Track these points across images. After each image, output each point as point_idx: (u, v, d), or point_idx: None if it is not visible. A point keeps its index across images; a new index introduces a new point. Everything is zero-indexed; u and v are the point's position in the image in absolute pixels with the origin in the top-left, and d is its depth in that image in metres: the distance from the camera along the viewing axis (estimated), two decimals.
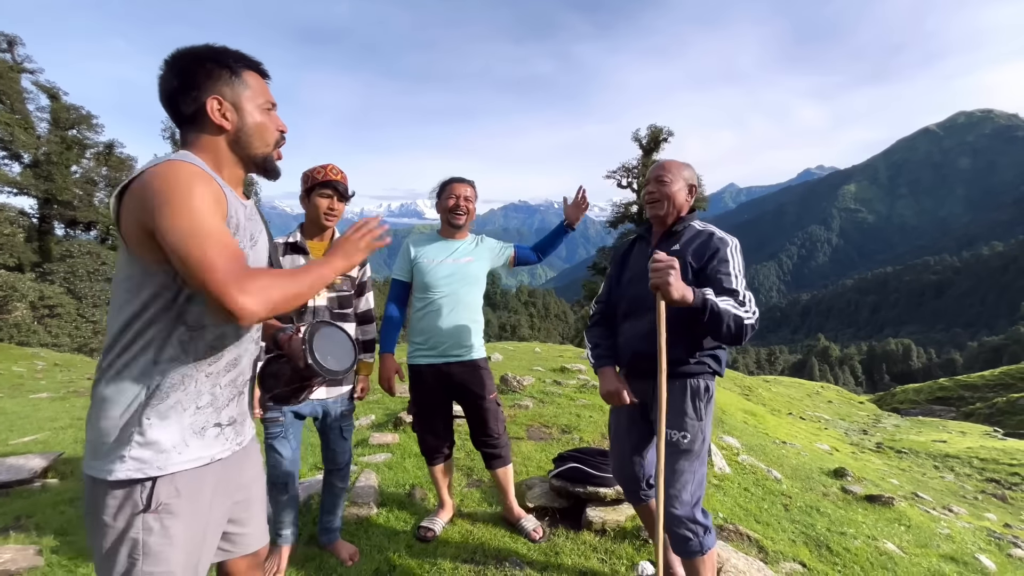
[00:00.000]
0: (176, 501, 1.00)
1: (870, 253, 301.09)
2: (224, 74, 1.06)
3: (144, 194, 0.92)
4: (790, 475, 4.33)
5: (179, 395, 1.02)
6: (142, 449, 0.98)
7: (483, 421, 2.47)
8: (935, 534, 3.60)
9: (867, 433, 12.29)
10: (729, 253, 1.77)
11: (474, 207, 2.48)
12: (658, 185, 1.91)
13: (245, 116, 1.08)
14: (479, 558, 2.36)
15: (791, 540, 2.88)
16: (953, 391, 22.70)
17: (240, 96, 1.08)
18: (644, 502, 2.08)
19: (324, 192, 2.01)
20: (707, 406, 1.82)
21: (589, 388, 6.31)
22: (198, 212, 0.91)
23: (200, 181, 0.95)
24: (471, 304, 2.44)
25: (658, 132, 25.86)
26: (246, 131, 1.09)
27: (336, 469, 2.29)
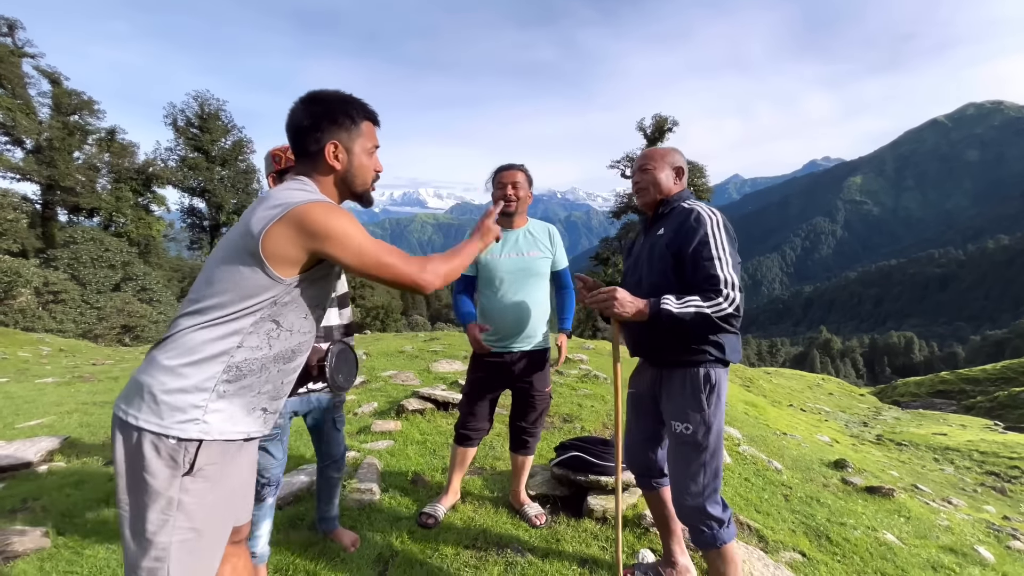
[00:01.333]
0: (213, 468, 1.11)
1: (874, 246, 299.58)
2: (346, 123, 1.25)
3: (308, 227, 1.12)
4: (790, 466, 4.34)
5: (252, 379, 1.16)
6: (206, 415, 1.09)
7: (530, 411, 2.50)
8: (934, 526, 3.62)
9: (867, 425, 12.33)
10: (710, 232, 1.69)
11: (525, 193, 2.42)
12: (642, 174, 1.91)
13: (353, 159, 1.27)
14: (481, 544, 2.37)
15: (791, 530, 2.89)
16: (954, 384, 22.72)
17: (353, 142, 1.27)
18: (655, 490, 2.08)
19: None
20: (712, 396, 1.75)
21: (591, 378, 6.32)
22: (360, 236, 1.16)
23: (346, 213, 1.18)
24: (536, 295, 2.42)
25: (663, 121, 25.66)
26: (352, 172, 1.29)
27: (332, 461, 2.26)
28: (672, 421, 1.79)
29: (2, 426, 4.58)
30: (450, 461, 2.66)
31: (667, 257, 1.76)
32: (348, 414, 4.55)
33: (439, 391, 4.65)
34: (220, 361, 1.11)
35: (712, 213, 1.74)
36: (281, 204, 1.12)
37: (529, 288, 2.39)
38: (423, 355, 7.95)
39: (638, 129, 26.17)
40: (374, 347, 9.16)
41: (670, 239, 1.77)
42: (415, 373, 6.36)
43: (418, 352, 8.27)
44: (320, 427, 2.18)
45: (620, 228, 26.73)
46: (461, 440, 2.55)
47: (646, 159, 1.93)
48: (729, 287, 1.61)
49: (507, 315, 2.36)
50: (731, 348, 1.78)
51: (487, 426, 2.56)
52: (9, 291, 16.36)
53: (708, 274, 1.64)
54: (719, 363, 1.78)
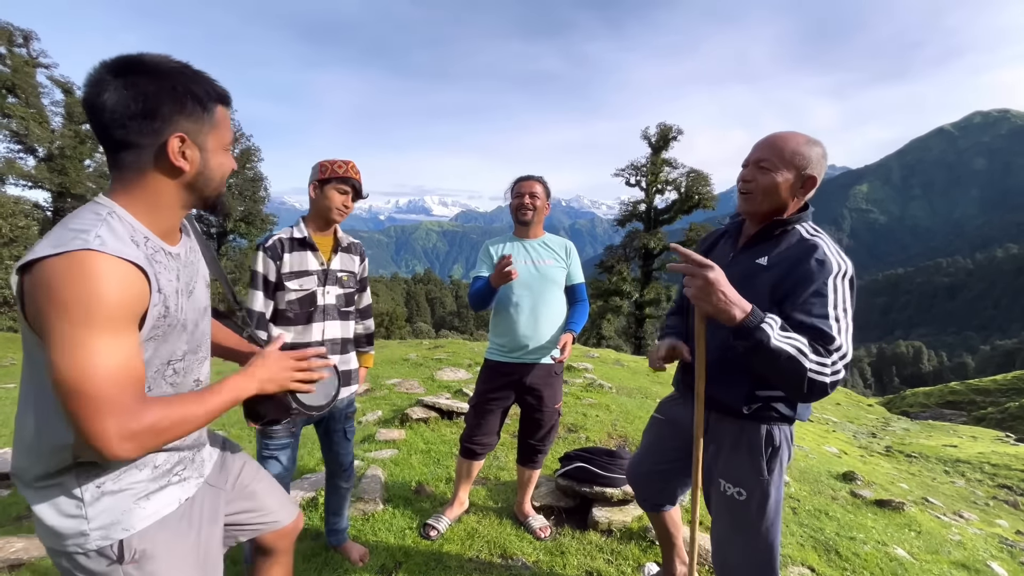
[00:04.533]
0: (151, 546, 0.96)
1: (881, 254, 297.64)
2: (195, 109, 0.91)
3: (36, 292, 0.78)
4: (798, 478, 4.29)
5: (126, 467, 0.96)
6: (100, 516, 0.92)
7: (538, 428, 2.47)
8: (946, 540, 3.55)
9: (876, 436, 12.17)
10: (831, 284, 1.30)
11: (542, 203, 2.42)
12: (755, 171, 1.43)
13: (208, 157, 0.95)
14: (485, 556, 2.35)
15: (799, 544, 2.85)
16: (964, 395, 22.42)
17: (207, 136, 0.94)
18: (660, 512, 1.96)
19: (342, 187, 1.92)
20: (774, 461, 1.45)
21: (595, 387, 6.29)
22: (96, 328, 0.79)
23: (110, 284, 0.80)
24: (552, 305, 2.40)
25: (667, 130, 25.72)
26: (206, 174, 0.96)
27: (341, 471, 2.23)
28: (722, 480, 1.50)
29: (9, 432, 4.61)
30: (456, 473, 2.64)
31: (764, 298, 1.35)
32: None
33: (443, 399, 4.64)
34: (74, 462, 0.93)
35: (842, 260, 1.34)
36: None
37: (543, 297, 2.37)
38: (427, 363, 7.95)
39: (643, 138, 26.23)
40: (378, 355, 9.17)
41: (777, 279, 1.36)
42: (419, 381, 6.36)
43: (422, 360, 8.26)
44: (330, 436, 2.15)
45: (624, 236, 26.72)
46: (467, 454, 2.52)
47: (767, 150, 1.41)
48: (840, 355, 1.25)
49: (519, 324, 2.35)
50: (802, 404, 1.47)
51: (494, 440, 2.53)
52: None
53: (818, 329, 1.26)
54: (785, 421, 1.46)
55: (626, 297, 25.76)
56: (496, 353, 2.43)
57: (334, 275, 1.99)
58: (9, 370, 9.65)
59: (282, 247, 1.89)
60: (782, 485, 1.49)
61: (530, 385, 2.38)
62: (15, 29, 20.76)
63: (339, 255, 2.02)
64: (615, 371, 8.31)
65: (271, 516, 1.33)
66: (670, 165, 25.99)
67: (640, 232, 26.01)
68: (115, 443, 0.79)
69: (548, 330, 2.38)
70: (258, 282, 1.86)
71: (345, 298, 2.06)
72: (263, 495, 1.33)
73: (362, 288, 2.21)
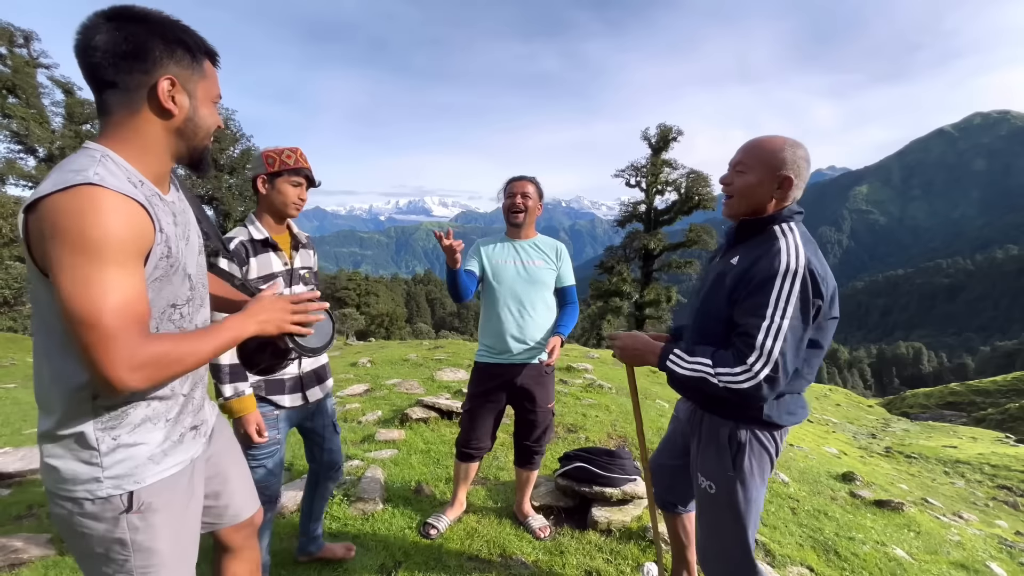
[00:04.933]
0: (157, 499, 1.01)
1: (881, 255, 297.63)
2: (185, 57, 0.93)
3: (43, 229, 0.81)
4: (797, 478, 4.29)
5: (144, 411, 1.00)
6: (115, 467, 0.96)
7: (533, 428, 2.47)
8: (945, 541, 3.56)
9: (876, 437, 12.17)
10: (776, 284, 1.31)
11: (534, 204, 2.42)
12: (732, 174, 1.49)
13: (197, 105, 0.98)
14: (484, 555, 2.36)
15: (798, 544, 2.85)
16: (964, 396, 22.41)
17: (196, 83, 0.96)
18: (677, 515, 1.97)
19: (294, 180, 1.82)
20: (740, 458, 1.47)
21: (595, 388, 6.29)
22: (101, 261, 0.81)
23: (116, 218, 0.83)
24: (539, 306, 2.39)
25: (667, 131, 25.71)
26: (195, 121, 0.98)
27: (334, 470, 2.14)
28: (699, 473, 1.58)
29: (10, 432, 4.61)
30: (454, 475, 2.64)
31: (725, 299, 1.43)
32: (352, 422, 4.55)
33: (443, 400, 4.64)
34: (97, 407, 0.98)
35: (796, 259, 1.33)
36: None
37: (531, 299, 2.37)
38: (427, 363, 7.95)
39: (643, 138, 26.23)
40: (378, 355, 9.17)
41: (736, 279, 1.41)
42: (419, 381, 6.36)
43: (422, 360, 8.27)
44: (321, 433, 2.08)
45: (624, 237, 26.71)
46: (463, 457, 2.52)
47: (744, 153, 1.46)
48: (761, 361, 1.29)
49: (507, 325, 2.35)
50: (776, 407, 1.45)
51: (489, 443, 2.52)
52: (19, 297, 16.54)
53: (745, 334, 1.33)
54: (755, 423, 1.47)
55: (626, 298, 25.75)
56: (485, 355, 2.43)
57: (298, 274, 1.91)
58: (9, 370, 9.65)
59: (246, 251, 1.77)
60: (756, 485, 1.49)
61: (521, 386, 2.38)
62: (16, 29, 20.78)
63: (300, 253, 1.95)
64: (615, 371, 8.31)
65: (236, 507, 1.29)
66: (670, 166, 25.99)
67: (640, 233, 26.00)
68: (125, 373, 0.82)
69: (536, 331, 2.37)
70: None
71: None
72: (235, 480, 1.29)
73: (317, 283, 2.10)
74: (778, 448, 1.52)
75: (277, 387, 1.87)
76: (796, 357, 1.33)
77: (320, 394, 2.00)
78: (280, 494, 2.00)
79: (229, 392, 1.69)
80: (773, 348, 1.29)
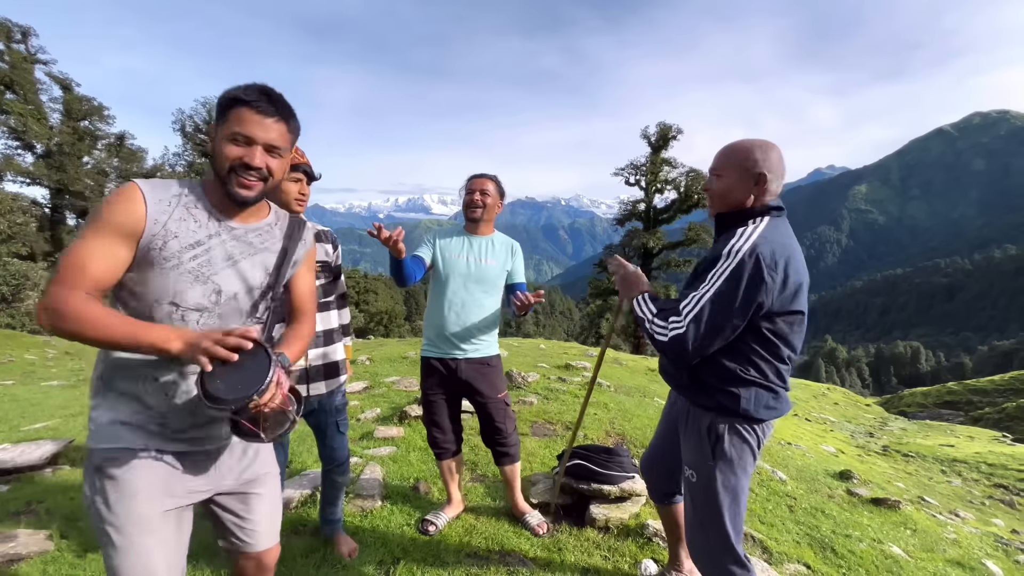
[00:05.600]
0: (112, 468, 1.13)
1: (880, 255, 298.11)
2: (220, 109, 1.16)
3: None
4: (795, 476, 4.30)
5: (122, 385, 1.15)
6: (91, 423, 1.16)
7: (491, 420, 2.47)
8: (941, 538, 3.57)
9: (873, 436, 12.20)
10: (715, 268, 1.45)
11: (494, 201, 2.45)
12: (712, 179, 1.63)
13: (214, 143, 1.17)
14: (482, 553, 2.36)
15: (795, 541, 2.86)
16: (962, 395, 22.48)
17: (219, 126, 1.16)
18: (669, 505, 2.03)
19: (294, 176, 1.84)
20: (723, 448, 1.54)
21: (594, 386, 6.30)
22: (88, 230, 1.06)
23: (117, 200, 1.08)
24: (485, 304, 2.41)
25: (667, 130, 25.69)
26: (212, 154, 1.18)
27: (336, 466, 2.21)
28: (684, 462, 1.67)
29: (8, 428, 4.60)
30: (440, 474, 2.66)
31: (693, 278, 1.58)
32: (351, 419, 4.55)
33: None
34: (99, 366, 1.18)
35: (752, 251, 1.41)
36: None
37: (478, 295, 2.39)
38: None
39: (642, 137, 26.23)
40: (377, 352, 9.17)
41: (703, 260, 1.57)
42: (418, 379, 6.36)
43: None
44: (323, 430, 2.13)
45: (624, 235, 26.71)
46: (438, 455, 2.55)
47: (719, 158, 1.60)
48: (677, 321, 1.45)
49: (450, 318, 2.36)
50: (753, 401, 1.51)
51: (455, 436, 2.54)
52: (16, 294, 16.51)
53: (677, 302, 1.50)
54: (732, 415, 1.53)
55: None
56: (427, 348, 2.44)
57: None
58: (7, 367, 9.64)
59: None
60: (737, 474, 1.56)
61: (467, 380, 2.39)
62: (13, 25, 20.68)
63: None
64: (614, 369, 8.32)
65: (250, 535, 1.33)
66: (669, 164, 25.97)
67: (639, 231, 25.99)
68: (40, 308, 1.03)
69: (478, 328, 2.39)
70: None
71: (322, 290, 2.02)
72: (256, 512, 1.33)
73: (336, 276, 2.15)
74: (760, 441, 1.58)
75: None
76: (714, 328, 1.43)
77: (324, 389, 2.02)
78: (282, 482, 2.04)
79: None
80: (691, 312, 1.45)
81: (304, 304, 1.41)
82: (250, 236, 1.24)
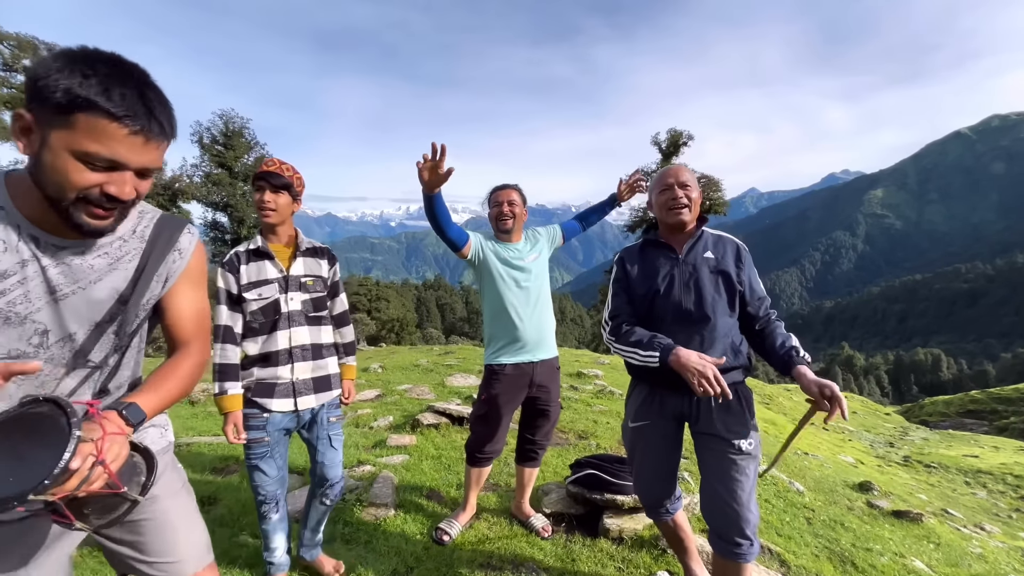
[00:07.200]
0: None
1: (898, 260, 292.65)
2: (48, 100, 0.78)
3: None
4: (813, 487, 4.22)
5: None
6: None
7: (544, 421, 2.54)
8: (966, 553, 3.47)
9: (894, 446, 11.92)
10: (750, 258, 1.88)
11: (521, 210, 2.49)
12: (684, 190, 1.86)
13: (41, 148, 0.81)
14: (495, 563, 2.36)
15: (814, 555, 2.81)
16: (986, 404, 21.86)
17: (52, 128, 0.80)
18: (668, 516, 2.02)
19: (258, 185, 1.89)
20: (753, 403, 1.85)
21: (606, 394, 6.26)
22: None
23: None
24: (545, 300, 2.49)
25: (678, 136, 25.62)
26: (39, 163, 0.82)
27: (328, 484, 2.08)
28: (736, 440, 1.74)
29: None
30: (465, 480, 2.65)
31: (719, 280, 1.83)
32: (364, 427, 4.58)
33: (454, 406, 4.65)
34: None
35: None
36: None
37: (537, 292, 2.45)
38: (438, 369, 7.98)
39: (653, 143, 26.15)
40: (389, 360, 9.23)
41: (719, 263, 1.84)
42: (430, 387, 6.39)
43: (433, 366, 8.30)
44: (314, 444, 2.04)
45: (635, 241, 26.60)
46: (475, 462, 2.53)
47: (686, 175, 1.89)
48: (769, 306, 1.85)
49: (523, 323, 2.39)
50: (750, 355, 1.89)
51: (502, 446, 2.55)
52: None
53: (765, 296, 1.86)
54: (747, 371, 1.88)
55: None
56: (501, 356, 2.44)
57: (296, 280, 1.94)
58: None
59: (239, 259, 1.89)
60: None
61: (540, 382, 2.45)
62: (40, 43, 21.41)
63: (300, 260, 1.97)
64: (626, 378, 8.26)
65: (167, 567, 1.08)
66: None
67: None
68: None
69: (545, 324, 2.46)
70: (221, 297, 1.87)
71: (313, 303, 1.99)
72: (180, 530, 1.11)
73: (334, 293, 2.12)
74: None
75: (265, 391, 1.90)
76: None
77: (314, 403, 1.98)
78: (279, 497, 2.00)
79: (216, 390, 1.84)
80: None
81: (183, 331, 1.09)
82: (90, 257, 0.93)
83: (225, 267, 1.89)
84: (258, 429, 1.89)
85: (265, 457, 1.92)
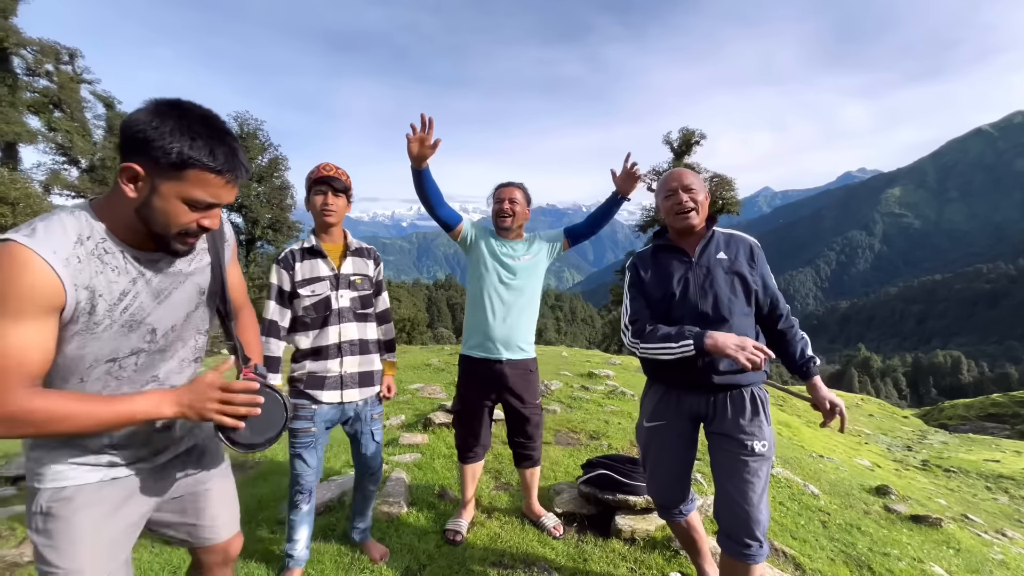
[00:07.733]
0: (57, 507, 1.04)
1: (916, 260, 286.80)
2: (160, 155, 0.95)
3: None
4: (828, 491, 4.16)
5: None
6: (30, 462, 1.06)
7: (523, 425, 2.51)
8: (987, 559, 3.40)
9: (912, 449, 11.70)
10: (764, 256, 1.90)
11: (522, 209, 2.49)
12: (689, 194, 1.86)
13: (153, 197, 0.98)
14: (507, 562, 2.37)
15: (830, 559, 2.77)
16: (1007, 407, 21.32)
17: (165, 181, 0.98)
18: (681, 518, 2.01)
19: (319, 189, 1.99)
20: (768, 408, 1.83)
21: (617, 394, 6.24)
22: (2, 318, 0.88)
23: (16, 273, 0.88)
24: (526, 303, 2.46)
25: (690, 135, 25.41)
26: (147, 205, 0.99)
27: (369, 473, 2.26)
28: (749, 442, 1.74)
29: None
30: (460, 478, 2.69)
31: (735, 281, 1.82)
32: None
33: None
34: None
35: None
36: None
37: (519, 293, 2.43)
38: (449, 368, 8.01)
39: (665, 143, 25.96)
40: (401, 360, 9.30)
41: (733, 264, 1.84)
42: (441, 386, 6.42)
43: (444, 365, 8.34)
44: (358, 438, 2.19)
45: (646, 241, 26.46)
46: (463, 459, 2.57)
47: (691, 179, 1.88)
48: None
49: (496, 322, 2.38)
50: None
51: (485, 442, 2.56)
52: None
53: (778, 294, 1.86)
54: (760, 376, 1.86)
55: None
56: (469, 348, 2.46)
57: (346, 279, 2.06)
58: None
59: (294, 257, 2.00)
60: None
61: (510, 384, 2.42)
62: (62, 47, 21.92)
63: (350, 259, 2.09)
64: (637, 378, 8.22)
65: (209, 530, 1.30)
66: (693, 170, 25.70)
67: None
68: None
69: (521, 326, 2.43)
70: (272, 292, 1.98)
71: (360, 300, 2.11)
72: (214, 502, 1.31)
73: (378, 291, 2.24)
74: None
75: (317, 383, 2.01)
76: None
77: (358, 397, 2.09)
78: (312, 489, 2.08)
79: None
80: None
81: (240, 297, 1.37)
82: (178, 264, 1.14)
83: (280, 264, 1.99)
84: (306, 419, 2.00)
85: (309, 447, 2.02)
